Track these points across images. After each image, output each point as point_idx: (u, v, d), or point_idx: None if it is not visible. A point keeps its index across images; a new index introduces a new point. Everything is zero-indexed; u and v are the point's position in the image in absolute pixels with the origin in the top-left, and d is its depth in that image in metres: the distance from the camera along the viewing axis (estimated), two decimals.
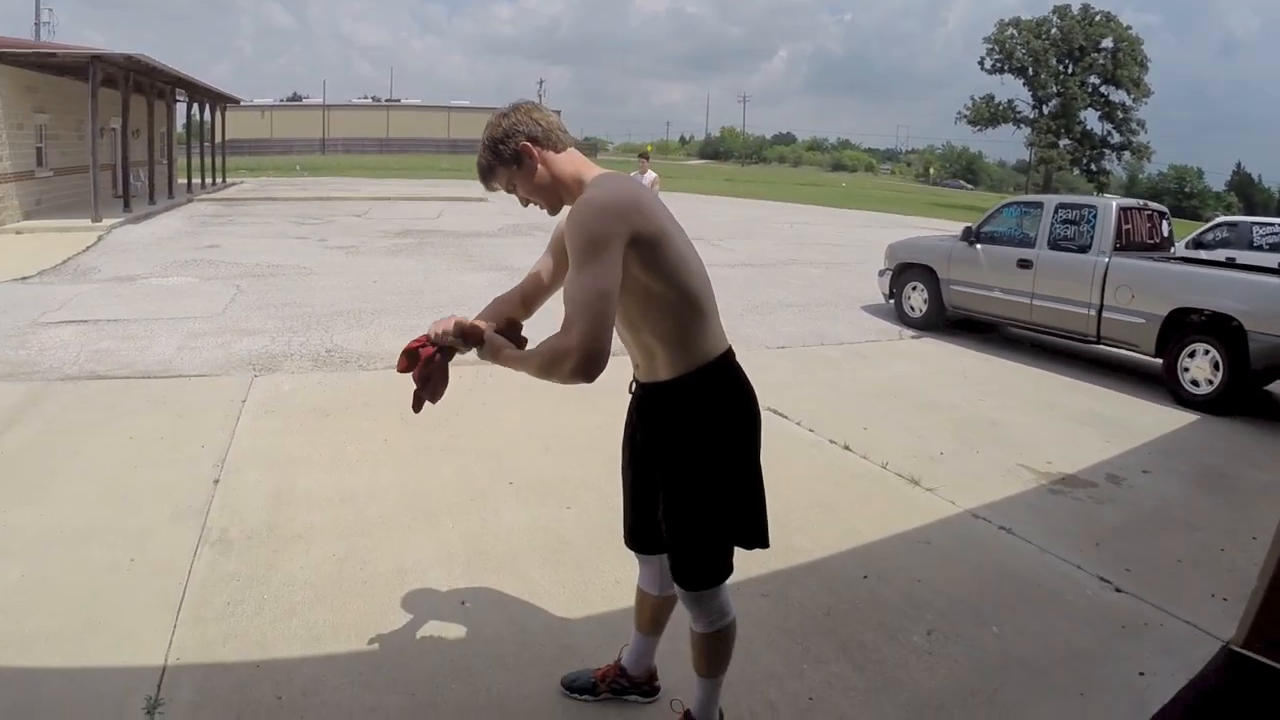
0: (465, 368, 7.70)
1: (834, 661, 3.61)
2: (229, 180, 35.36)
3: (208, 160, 32.15)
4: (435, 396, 2.74)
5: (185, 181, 29.45)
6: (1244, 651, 3.74)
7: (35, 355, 7.81)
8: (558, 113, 2.76)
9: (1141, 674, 3.68)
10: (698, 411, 2.62)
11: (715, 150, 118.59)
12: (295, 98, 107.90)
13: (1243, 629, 3.80)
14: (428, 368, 2.68)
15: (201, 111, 31.44)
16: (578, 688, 3.24)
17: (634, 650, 3.20)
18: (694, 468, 2.63)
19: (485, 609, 3.81)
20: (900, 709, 3.34)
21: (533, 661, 3.45)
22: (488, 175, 2.68)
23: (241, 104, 38.60)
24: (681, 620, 2.94)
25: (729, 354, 2.67)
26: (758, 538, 2.77)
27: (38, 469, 5.15)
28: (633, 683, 3.22)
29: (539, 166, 2.59)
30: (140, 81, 22.56)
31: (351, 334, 9.17)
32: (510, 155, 2.59)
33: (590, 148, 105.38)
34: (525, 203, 2.72)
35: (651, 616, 3.12)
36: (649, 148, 12.50)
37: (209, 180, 31.92)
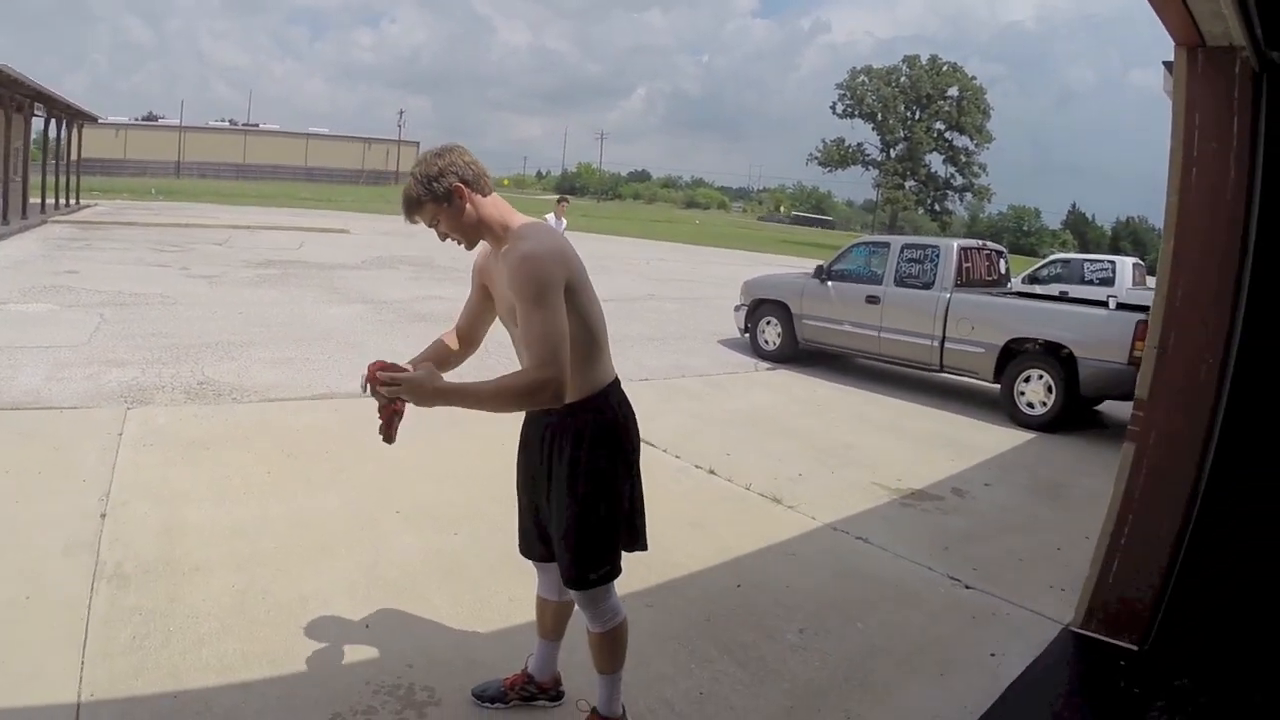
0: (335, 401, 7.84)
1: (718, 661, 3.98)
2: (83, 201, 33.92)
3: (62, 180, 30.77)
4: (390, 437, 3.03)
5: (39, 201, 28.14)
6: (1081, 631, 4.44)
7: None
8: (416, 143, 3.05)
9: (993, 655, 4.21)
10: (590, 432, 2.95)
11: (571, 186, 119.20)
12: (151, 117, 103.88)
13: (1079, 611, 4.51)
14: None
15: (58, 128, 30.14)
16: (488, 696, 3.49)
17: (539, 657, 3.49)
18: (586, 481, 2.94)
19: (390, 631, 3.99)
20: (784, 696, 3.75)
21: (442, 675, 3.66)
22: (414, 208, 2.88)
23: (98, 121, 37.14)
24: (579, 631, 3.24)
25: (616, 382, 3.05)
26: (638, 540, 3.15)
27: None
28: (540, 688, 3.50)
29: (467, 206, 2.84)
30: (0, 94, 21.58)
31: (222, 366, 9.09)
32: (442, 193, 2.81)
33: None
34: (444, 238, 2.96)
35: (553, 622, 3.43)
36: (565, 199, 13.87)
37: (63, 201, 30.52)
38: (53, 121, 29.24)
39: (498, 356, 4.00)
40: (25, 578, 4.19)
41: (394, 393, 2.79)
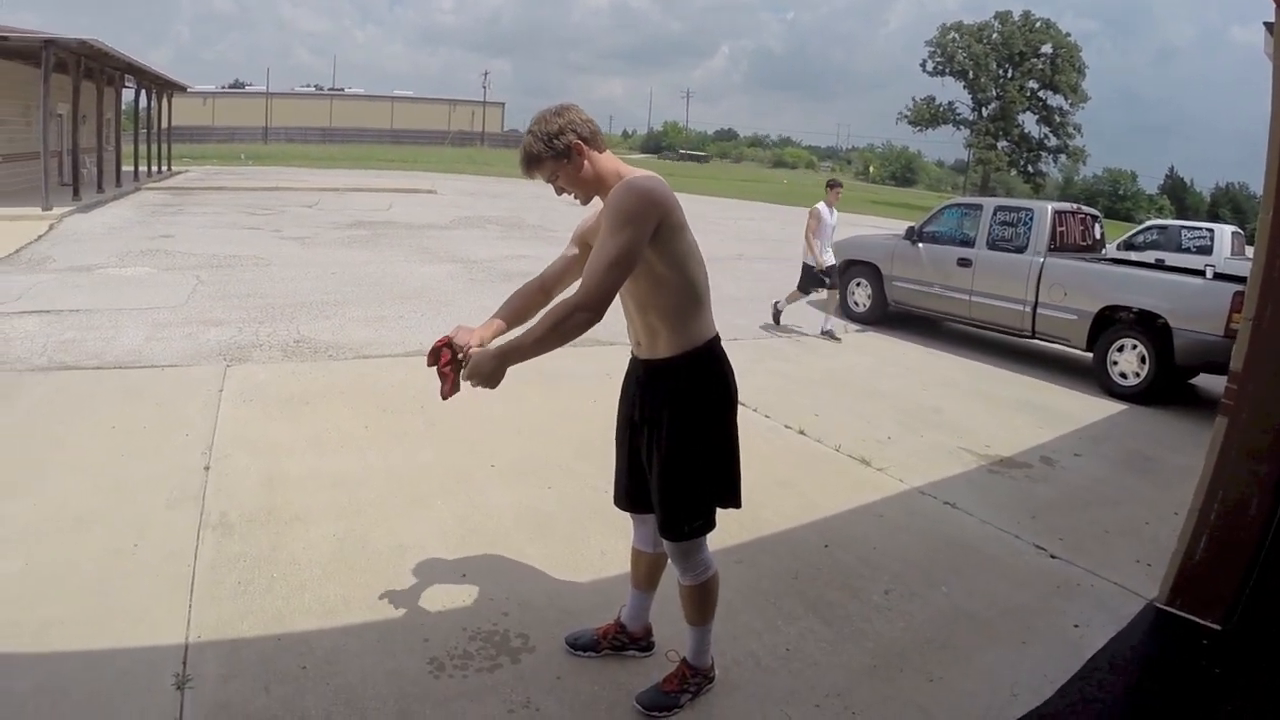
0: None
1: (805, 618, 4.00)
2: (174, 168, 34.83)
3: (153, 148, 31.61)
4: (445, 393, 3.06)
5: (131, 169, 28.96)
6: (1166, 607, 4.32)
7: (0, 346, 7.80)
8: (502, 104, 3.10)
9: (1076, 626, 4.15)
10: (690, 386, 2.98)
11: (658, 145, 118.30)
12: (237, 85, 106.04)
13: (1164, 588, 4.40)
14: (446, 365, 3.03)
15: (148, 98, 30.94)
16: (581, 645, 3.55)
17: (631, 608, 3.54)
18: (685, 434, 2.98)
19: (485, 580, 4.08)
20: (866, 655, 3.76)
21: (536, 623, 3.73)
22: (534, 164, 2.92)
23: (186, 91, 38.00)
24: (672, 583, 3.27)
25: (717, 339, 3.06)
26: (734, 499, 3.15)
27: (23, 461, 5.18)
28: (631, 639, 3.55)
29: (585, 163, 2.90)
30: (91, 67, 22.18)
31: (317, 324, 9.30)
32: (562, 149, 2.87)
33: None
34: (560, 192, 3.00)
35: (646, 573, 3.46)
36: (838, 185, 11.38)
37: (154, 168, 31.39)
38: (142, 92, 30.00)
39: None
40: (133, 528, 4.37)
41: (467, 377, 2.90)
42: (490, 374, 2.81)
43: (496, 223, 21.73)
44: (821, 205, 10.92)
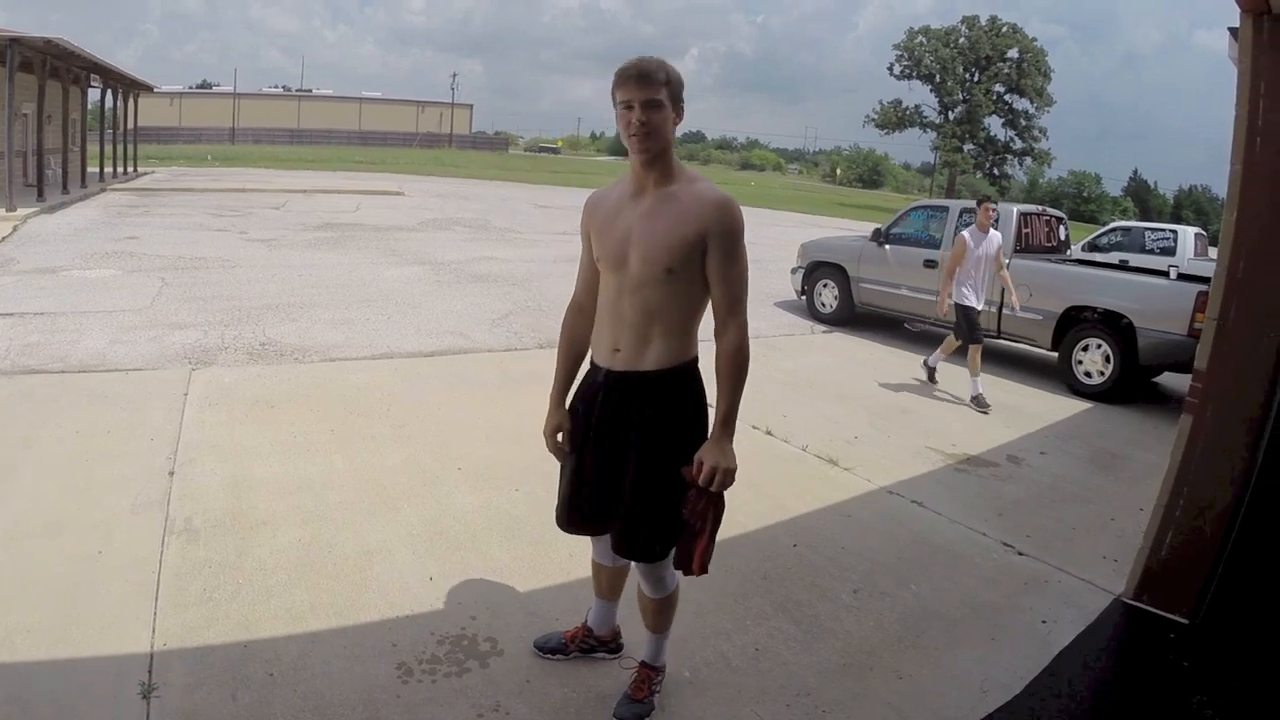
0: (396, 360, 7.95)
1: (774, 617, 4.04)
2: (140, 169, 34.46)
3: (119, 149, 31.26)
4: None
5: (97, 170, 28.61)
6: (1134, 602, 4.43)
7: None
8: (470, 106, 3.06)
9: (1044, 622, 4.23)
10: (678, 403, 2.91)
11: (625, 147, 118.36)
12: (205, 85, 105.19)
13: (1131, 583, 4.49)
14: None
15: (114, 98, 30.60)
16: (550, 649, 3.55)
17: (597, 614, 3.54)
18: (667, 452, 2.87)
19: (453, 583, 4.07)
20: (836, 654, 3.80)
21: (504, 627, 3.73)
22: (658, 85, 2.71)
23: (153, 90, 37.61)
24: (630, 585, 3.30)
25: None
26: None
27: None
28: (600, 641, 3.56)
29: (675, 126, 2.79)
30: (57, 66, 21.93)
31: (284, 327, 9.23)
32: (678, 93, 2.76)
33: (501, 142, 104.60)
34: (641, 128, 2.71)
35: (609, 584, 3.47)
36: (990, 204, 8.76)
37: (120, 169, 31.03)
38: (109, 92, 29.67)
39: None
40: (98, 534, 4.32)
41: (722, 486, 2.78)
42: (731, 459, 2.78)
43: (464, 225, 21.68)
44: (967, 233, 8.58)
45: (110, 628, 3.54)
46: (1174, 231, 18.63)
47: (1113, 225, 21.05)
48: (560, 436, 3.06)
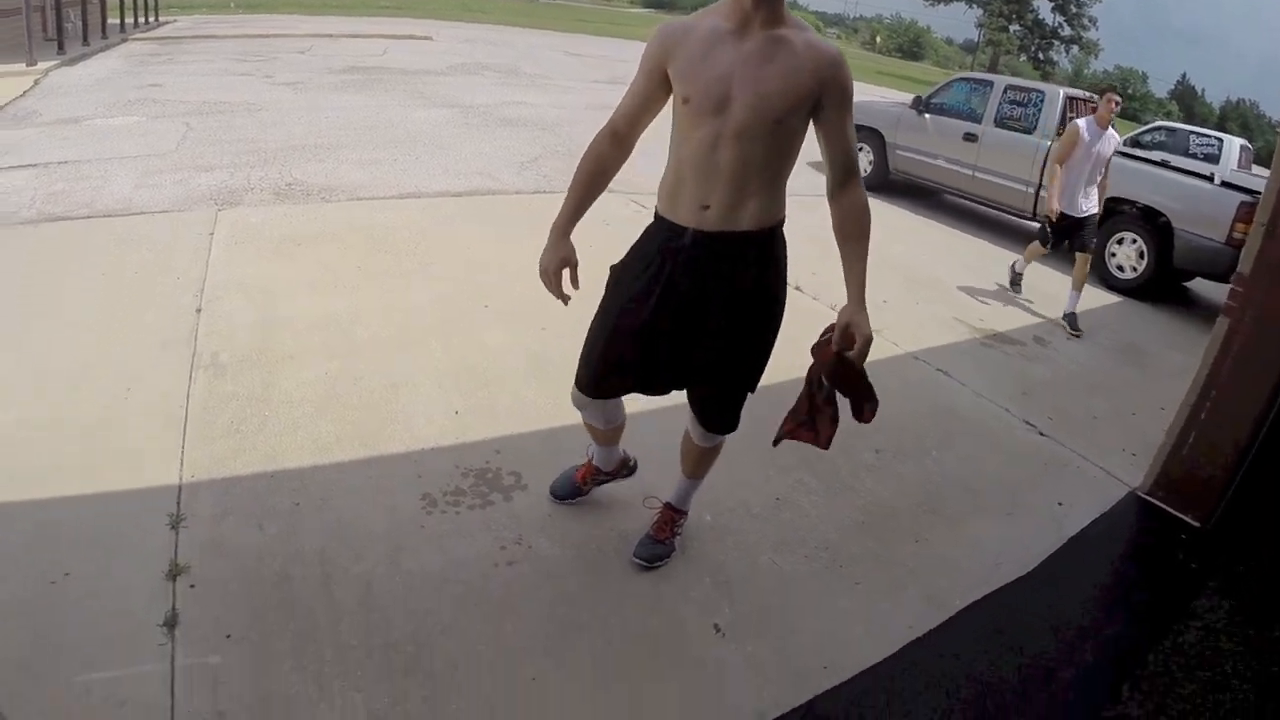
0: (423, 200, 7.83)
1: (796, 470, 3.99)
2: (162, 19, 33.70)
3: None
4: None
5: (117, 21, 28.01)
6: (1148, 498, 4.38)
7: None
8: None
9: (1060, 504, 4.22)
10: (781, 260, 2.81)
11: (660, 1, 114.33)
12: None
13: (1148, 479, 4.43)
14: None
15: None
16: (565, 494, 3.51)
17: (601, 455, 3.44)
18: (760, 317, 2.82)
19: (478, 418, 4.04)
20: (856, 510, 3.81)
21: (528, 462, 3.70)
22: None
23: None
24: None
25: None
26: None
27: (14, 313, 5.06)
28: (610, 475, 3.50)
29: None
30: None
31: (309, 167, 9.05)
32: None
33: None
34: None
35: (609, 437, 3.33)
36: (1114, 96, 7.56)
37: (142, 19, 30.36)
38: None
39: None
40: (126, 372, 4.29)
41: (861, 358, 2.73)
42: (868, 330, 2.72)
43: (494, 69, 21.06)
44: (1083, 122, 7.38)
45: (139, 462, 3.53)
46: (1219, 139, 17.67)
47: (1157, 124, 20.13)
48: (566, 274, 2.81)
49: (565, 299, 2.83)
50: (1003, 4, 62.72)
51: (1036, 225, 9.02)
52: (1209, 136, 17.96)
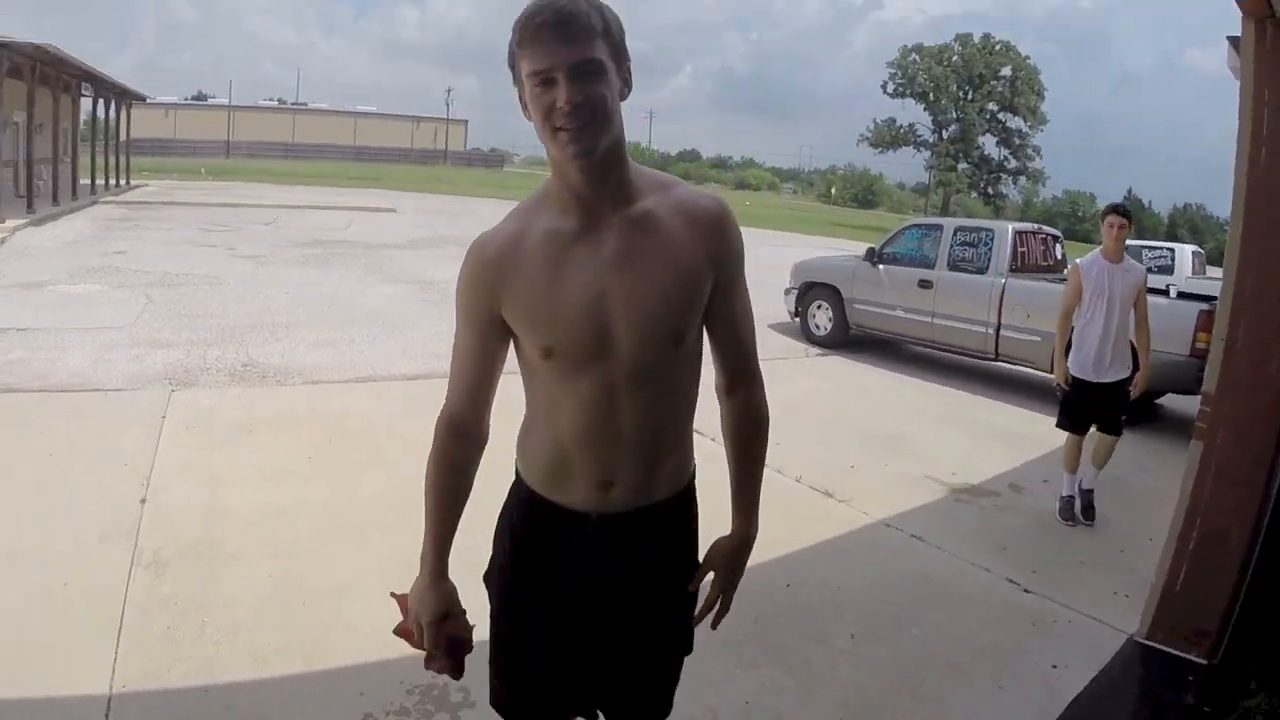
0: (378, 384, 7.83)
1: (765, 667, 3.83)
2: (132, 182, 34.29)
3: (111, 160, 31.10)
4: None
5: (88, 182, 28.45)
6: (1147, 642, 4.16)
7: None
8: (465, 122, 2.47)
9: (1054, 667, 4.00)
10: (691, 524, 2.18)
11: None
12: (200, 96, 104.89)
13: (1145, 621, 4.22)
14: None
15: (106, 108, 30.46)
16: None
17: None
18: (681, 587, 2.12)
19: None
20: (832, 706, 3.60)
21: (478, 678, 3.56)
22: (590, 36, 1.64)
23: (146, 101, 37.53)
24: None
25: None
26: None
27: None
28: None
29: (622, 98, 1.75)
30: (47, 73, 21.75)
31: (267, 348, 9.10)
32: (621, 46, 1.74)
33: (497, 159, 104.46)
34: (573, 109, 1.63)
35: None
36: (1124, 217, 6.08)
37: (112, 181, 30.87)
38: (101, 102, 29.51)
39: None
40: (64, 564, 4.19)
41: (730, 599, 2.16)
42: (744, 560, 2.18)
43: (455, 242, 21.45)
44: (1085, 260, 6.35)
45: (71, 666, 3.41)
46: (1171, 249, 18.38)
47: None
48: (450, 630, 2.12)
49: (457, 672, 2.15)
50: (949, 144, 65.38)
51: (1001, 364, 8.93)
52: (1160, 248, 18.45)
